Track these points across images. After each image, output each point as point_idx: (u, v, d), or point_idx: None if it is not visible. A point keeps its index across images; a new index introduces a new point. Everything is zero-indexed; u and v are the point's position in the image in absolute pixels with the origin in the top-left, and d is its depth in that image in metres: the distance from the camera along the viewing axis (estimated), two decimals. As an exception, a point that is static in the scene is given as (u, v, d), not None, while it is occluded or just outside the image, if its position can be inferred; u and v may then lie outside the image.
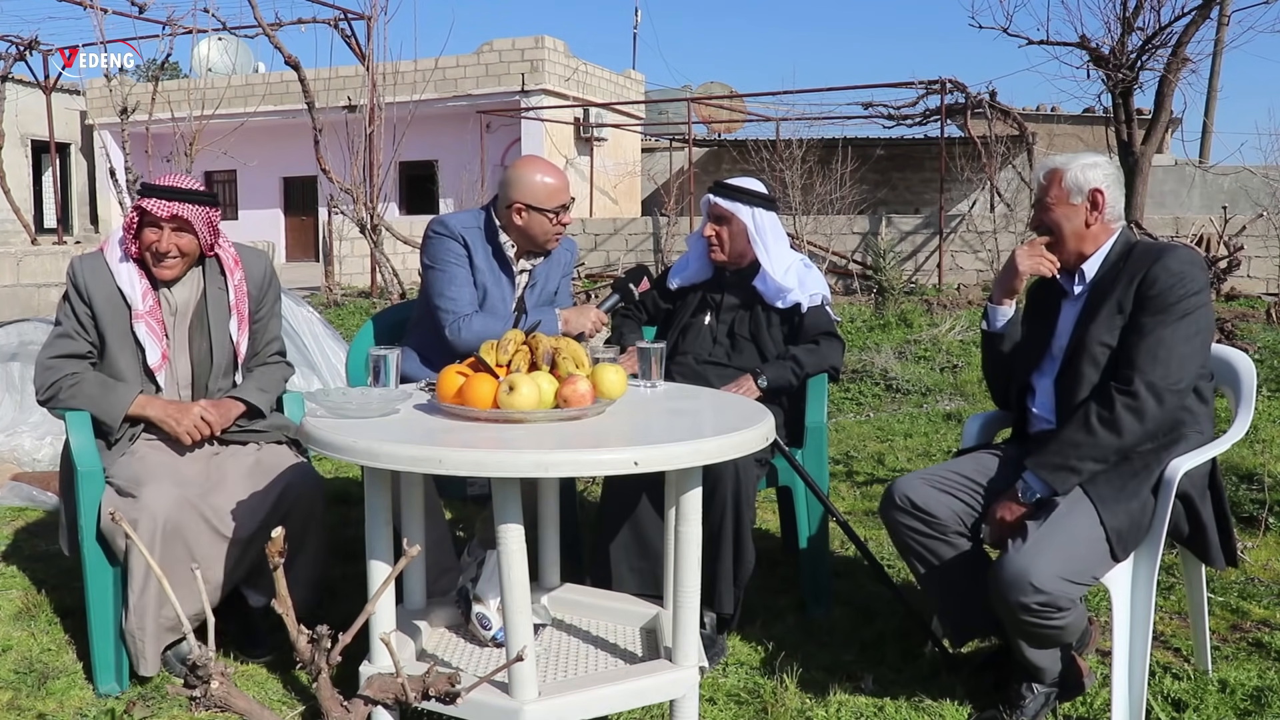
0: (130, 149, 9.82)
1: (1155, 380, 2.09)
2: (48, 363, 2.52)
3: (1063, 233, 2.30)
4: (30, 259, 9.05)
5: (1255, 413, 2.29)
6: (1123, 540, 2.09)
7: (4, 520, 3.75)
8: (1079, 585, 2.05)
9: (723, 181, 2.97)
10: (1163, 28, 10.07)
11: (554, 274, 2.91)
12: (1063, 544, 2.04)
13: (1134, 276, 2.18)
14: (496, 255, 2.79)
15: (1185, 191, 16.17)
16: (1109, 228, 2.29)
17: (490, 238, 2.79)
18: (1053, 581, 1.99)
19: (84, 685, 2.44)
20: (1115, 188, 2.30)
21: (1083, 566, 2.05)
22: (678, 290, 3.06)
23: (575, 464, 1.75)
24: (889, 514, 2.33)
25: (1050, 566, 2.00)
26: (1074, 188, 2.28)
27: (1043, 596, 1.99)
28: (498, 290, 2.79)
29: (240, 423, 2.64)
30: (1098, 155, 2.35)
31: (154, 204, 2.47)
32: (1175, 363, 2.10)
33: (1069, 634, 2.10)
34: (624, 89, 20.89)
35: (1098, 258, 2.29)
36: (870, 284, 11.28)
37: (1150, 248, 2.24)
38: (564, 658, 2.16)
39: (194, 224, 2.51)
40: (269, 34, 11.19)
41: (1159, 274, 2.15)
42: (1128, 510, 2.09)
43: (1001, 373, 2.49)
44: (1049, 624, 2.03)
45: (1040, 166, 2.37)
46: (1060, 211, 2.30)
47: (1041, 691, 2.20)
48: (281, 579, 1.56)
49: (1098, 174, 2.28)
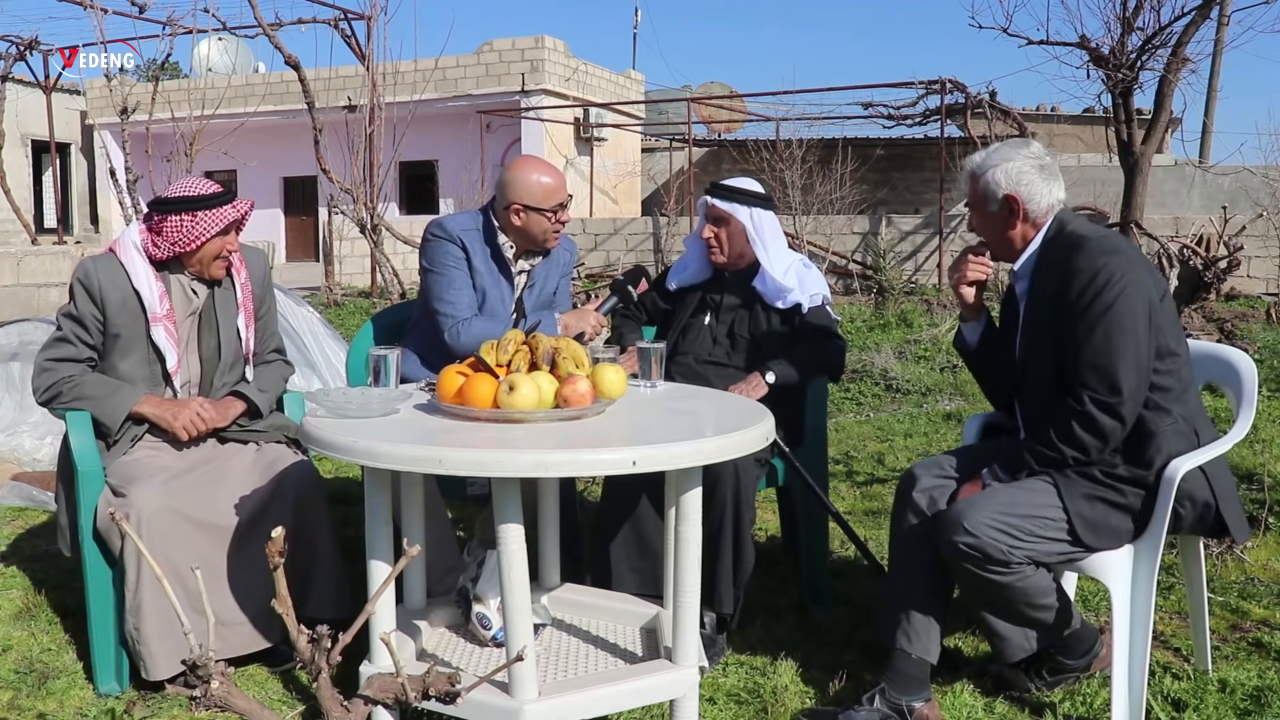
0: (130, 149, 9.82)
1: (1104, 398, 2.03)
2: (46, 364, 2.51)
3: (990, 241, 2.24)
4: (30, 259, 9.06)
5: (1255, 413, 2.28)
6: (1092, 527, 2.07)
7: (4, 520, 3.75)
8: (1014, 540, 2.03)
9: (719, 183, 2.95)
10: (1163, 28, 10.06)
11: (553, 274, 2.91)
12: (1006, 501, 2.06)
13: (1060, 277, 2.10)
14: (495, 257, 2.79)
15: (1185, 191, 16.16)
16: (1037, 224, 2.18)
17: (489, 239, 2.79)
18: (982, 528, 2.01)
19: (84, 685, 2.44)
20: (1038, 184, 2.15)
21: (1023, 525, 2.04)
22: (677, 291, 3.06)
23: (575, 464, 1.75)
24: (900, 503, 2.31)
25: (984, 516, 2.03)
26: (987, 194, 2.19)
27: (970, 539, 2.01)
28: (497, 292, 2.79)
29: (240, 422, 2.64)
30: (1019, 148, 2.19)
31: (244, 207, 2.57)
32: (1117, 367, 2.02)
33: (1021, 602, 2.09)
34: (624, 89, 20.89)
35: (1028, 253, 2.20)
36: (870, 284, 11.29)
37: (1065, 242, 2.13)
38: (564, 658, 2.16)
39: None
40: (269, 34, 11.19)
41: (1070, 278, 2.07)
42: (1095, 498, 2.08)
43: (991, 381, 2.48)
44: (985, 575, 2.03)
45: (962, 165, 2.27)
46: (979, 219, 2.23)
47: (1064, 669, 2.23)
48: (281, 578, 1.56)
49: (1011, 173, 2.15)
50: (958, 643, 2.61)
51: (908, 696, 2.17)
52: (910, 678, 2.19)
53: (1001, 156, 2.18)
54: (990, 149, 2.24)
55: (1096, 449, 2.07)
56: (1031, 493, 2.10)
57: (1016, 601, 2.10)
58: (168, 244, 2.52)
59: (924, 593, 2.22)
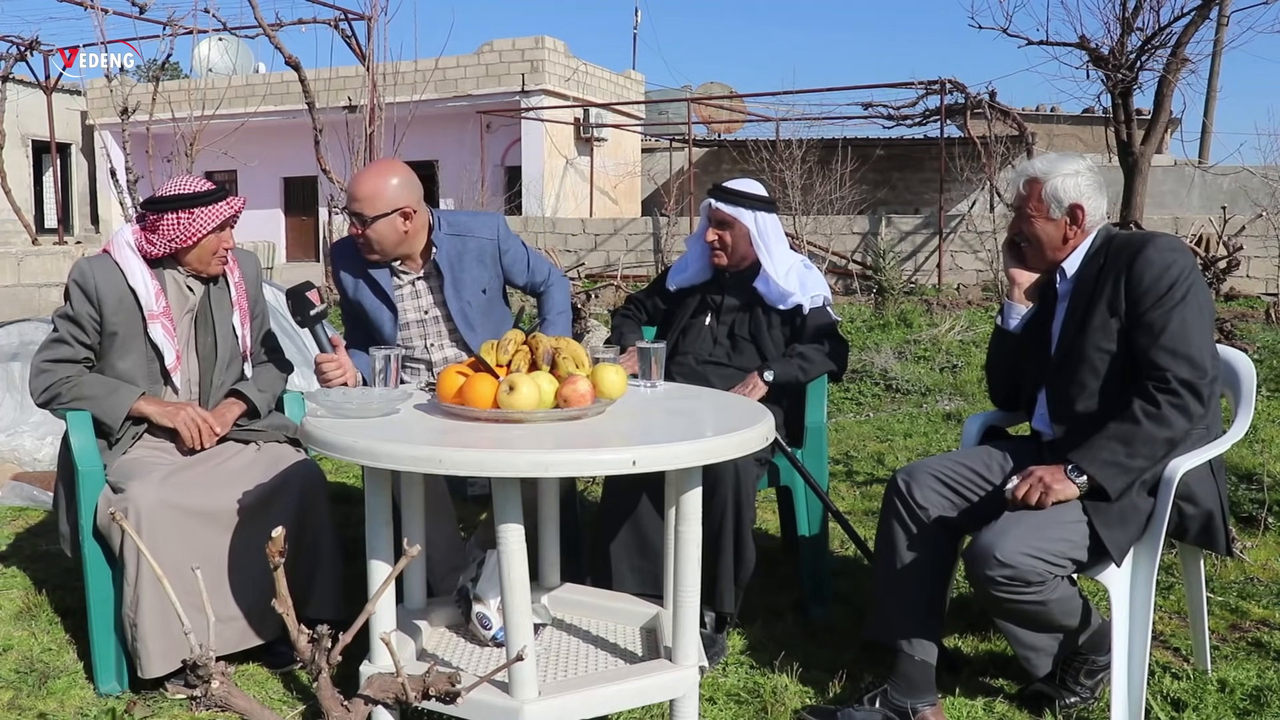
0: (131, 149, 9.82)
1: (1188, 376, 2.05)
2: (44, 366, 2.51)
3: (1041, 244, 2.27)
4: (31, 259, 9.05)
5: (1255, 413, 2.28)
6: (1115, 539, 2.07)
7: (4, 520, 3.75)
8: (1048, 563, 2.02)
9: (723, 186, 2.94)
10: (1162, 28, 10.05)
11: (468, 258, 2.81)
12: (1034, 524, 2.04)
13: (1118, 275, 2.14)
14: (363, 275, 2.78)
15: (1184, 192, 16.16)
16: (1086, 232, 2.26)
17: (360, 259, 2.78)
18: (1016, 556, 1.99)
19: (84, 685, 2.44)
20: (1096, 196, 2.24)
21: (1053, 548, 2.03)
22: (677, 292, 3.06)
23: (575, 464, 1.75)
24: (889, 498, 2.31)
25: (1016, 544, 2.01)
26: (1053, 202, 2.23)
27: (1007, 570, 1.99)
28: (378, 311, 2.78)
29: (240, 422, 2.65)
30: (1077, 160, 2.27)
31: (237, 204, 2.58)
32: (1195, 350, 2.06)
33: (1056, 614, 2.08)
34: (624, 89, 20.88)
35: (1078, 254, 2.25)
36: (870, 284, 11.29)
37: (1128, 241, 2.19)
38: (564, 657, 2.16)
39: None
40: (269, 34, 11.18)
41: (1144, 269, 2.11)
42: (1119, 509, 2.08)
43: (1006, 373, 2.48)
44: (1021, 598, 2.02)
45: (1019, 173, 2.31)
46: (1039, 225, 2.26)
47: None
48: (282, 578, 1.56)
49: (1079, 185, 2.22)
50: (958, 643, 2.62)
51: (912, 699, 2.17)
52: (915, 680, 2.19)
53: (1068, 167, 2.24)
54: (1047, 157, 2.29)
55: (1181, 429, 2.06)
56: (1057, 512, 2.07)
57: (1053, 616, 2.09)
58: (165, 241, 2.53)
59: (922, 595, 2.23)
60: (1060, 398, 2.25)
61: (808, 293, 2.89)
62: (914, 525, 2.25)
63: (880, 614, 2.27)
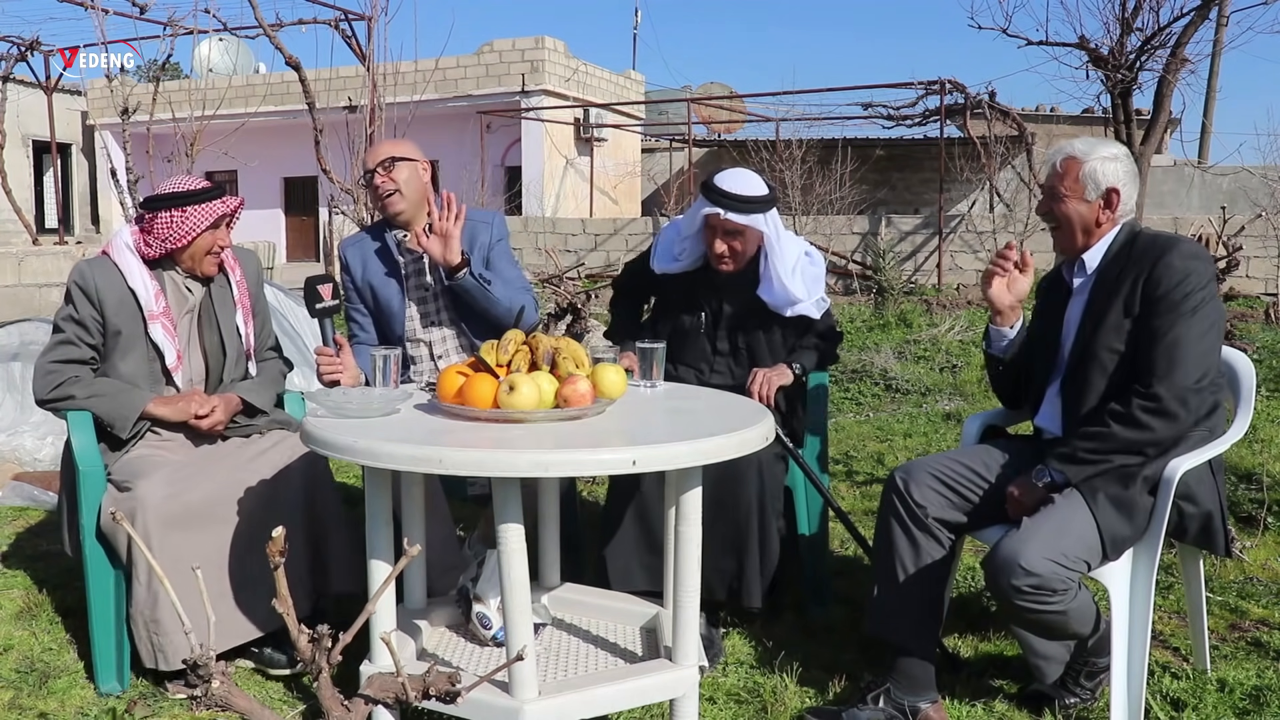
0: (131, 149, 9.82)
1: (1176, 385, 2.05)
2: (51, 366, 2.52)
3: (1071, 225, 2.25)
4: (32, 259, 9.05)
5: (1255, 413, 2.28)
6: (1115, 540, 2.08)
7: (5, 520, 3.75)
8: (1069, 569, 2.02)
9: (731, 194, 2.68)
10: (1162, 28, 10.04)
11: (464, 240, 2.82)
12: (1052, 530, 2.04)
13: (1139, 274, 2.14)
14: (381, 253, 2.93)
15: (1184, 192, 16.16)
16: (1115, 220, 2.24)
17: (377, 238, 2.95)
18: (1041, 563, 1.99)
19: (85, 684, 2.44)
20: (1131, 184, 2.22)
21: (1072, 552, 2.03)
22: (663, 276, 2.90)
23: (575, 464, 1.76)
24: (888, 497, 2.31)
25: (1038, 550, 2.00)
26: (1090, 183, 2.21)
27: (1033, 579, 1.98)
28: (386, 290, 2.91)
29: (241, 420, 2.66)
30: (1116, 146, 2.25)
31: (232, 203, 2.59)
32: (1192, 363, 2.06)
33: (1075, 621, 2.08)
34: (624, 89, 20.88)
35: (1100, 247, 2.24)
36: (870, 284, 11.29)
37: (1154, 241, 2.18)
38: (564, 657, 2.17)
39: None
40: (269, 35, 11.18)
41: (1163, 272, 2.10)
42: (1122, 509, 2.09)
43: (1008, 386, 2.48)
44: (1046, 607, 2.02)
45: (1057, 151, 2.28)
46: (1072, 205, 2.24)
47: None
48: (282, 578, 1.56)
49: (1117, 170, 2.21)
50: (957, 643, 2.62)
51: (913, 697, 2.17)
52: (916, 678, 2.19)
53: (1107, 150, 2.23)
54: (1086, 140, 2.27)
55: (1159, 436, 2.07)
56: (1067, 510, 2.08)
57: (1071, 624, 2.08)
58: (159, 240, 2.53)
59: (921, 594, 2.23)
60: (1073, 395, 2.24)
61: (812, 296, 2.80)
62: (912, 524, 2.26)
63: (880, 612, 2.27)
